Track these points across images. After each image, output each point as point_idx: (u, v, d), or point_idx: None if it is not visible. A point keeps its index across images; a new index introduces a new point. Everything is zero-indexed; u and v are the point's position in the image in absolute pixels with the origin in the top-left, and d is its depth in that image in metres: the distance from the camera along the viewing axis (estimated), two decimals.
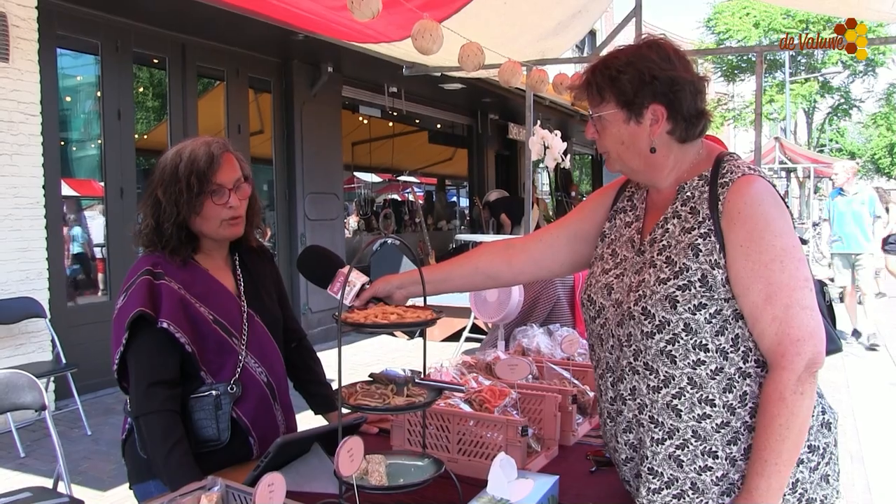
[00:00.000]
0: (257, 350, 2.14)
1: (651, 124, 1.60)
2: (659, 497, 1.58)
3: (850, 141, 40.44)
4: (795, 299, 1.47)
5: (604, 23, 16.97)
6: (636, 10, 4.79)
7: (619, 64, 1.60)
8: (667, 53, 1.60)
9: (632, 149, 1.64)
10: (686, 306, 1.53)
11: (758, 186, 1.54)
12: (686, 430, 1.55)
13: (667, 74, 1.57)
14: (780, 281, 1.48)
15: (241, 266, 2.23)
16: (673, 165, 1.66)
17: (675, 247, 1.58)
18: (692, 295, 1.53)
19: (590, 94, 1.65)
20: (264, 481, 1.35)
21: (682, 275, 1.55)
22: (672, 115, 1.59)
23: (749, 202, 1.52)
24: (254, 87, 8.82)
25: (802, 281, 1.49)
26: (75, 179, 7.43)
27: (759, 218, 1.51)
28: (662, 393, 1.57)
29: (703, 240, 1.55)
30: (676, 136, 1.62)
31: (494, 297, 3.19)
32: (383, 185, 17.31)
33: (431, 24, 3.13)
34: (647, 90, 1.57)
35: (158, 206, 2.04)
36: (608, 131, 1.64)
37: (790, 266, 1.49)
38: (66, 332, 5.94)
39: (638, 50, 1.61)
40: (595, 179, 21.66)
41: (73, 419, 5.68)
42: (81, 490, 4.23)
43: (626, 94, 1.58)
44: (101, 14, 6.64)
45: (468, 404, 2.13)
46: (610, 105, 1.61)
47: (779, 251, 1.49)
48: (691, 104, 1.60)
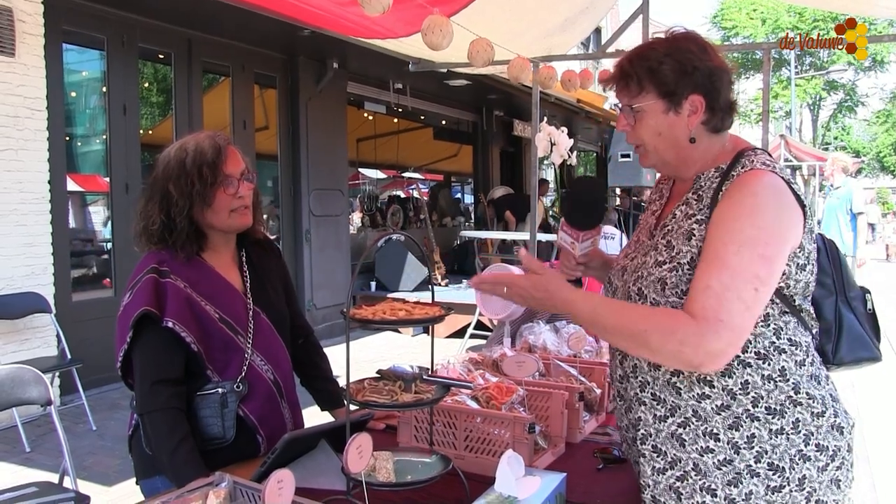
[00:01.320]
0: (263, 348, 2.13)
1: (689, 115, 1.61)
2: (663, 478, 1.60)
3: (856, 139, 40.31)
4: (736, 287, 1.44)
5: (609, 20, 16.93)
6: (643, 6, 4.77)
7: (658, 55, 1.60)
8: (703, 45, 1.62)
9: (668, 140, 1.64)
10: (673, 290, 1.54)
11: (764, 180, 1.52)
12: (686, 409, 1.57)
13: (706, 65, 1.59)
14: (729, 261, 1.46)
15: (247, 262, 2.23)
16: (700, 156, 1.66)
17: (675, 231, 1.62)
18: (679, 278, 1.54)
19: (627, 84, 1.65)
20: (273, 478, 1.35)
21: (674, 258, 1.57)
22: (710, 106, 1.60)
23: (744, 189, 1.52)
24: (259, 83, 8.82)
25: (752, 276, 1.45)
26: (80, 175, 7.44)
27: (745, 204, 1.50)
28: (662, 370, 1.60)
29: (697, 225, 1.57)
30: (710, 127, 1.63)
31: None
32: (388, 181, 17.31)
33: (441, 20, 3.12)
34: (688, 81, 1.58)
35: (170, 199, 2.04)
36: (645, 122, 1.64)
37: (746, 255, 1.45)
38: (71, 327, 5.94)
39: (675, 41, 1.62)
40: (599, 176, 21.61)
41: (78, 414, 5.68)
42: (87, 485, 4.24)
43: (668, 84, 1.59)
44: (107, 9, 6.64)
45: (475, 401, 2.12)
46: (650, 96, 1.61)
47: (745, 237, 1.47)
48: (727, 95, 1.63)
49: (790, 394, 1.54)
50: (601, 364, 2.59)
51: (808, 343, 1.59)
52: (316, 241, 9.22)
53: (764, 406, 1.53)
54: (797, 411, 1.54)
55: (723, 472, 1.54)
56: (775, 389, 1.53)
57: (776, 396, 1.53)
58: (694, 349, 1.43)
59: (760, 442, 1.52)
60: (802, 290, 1.57)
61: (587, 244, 1.83)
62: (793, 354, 1.55)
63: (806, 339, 1.59)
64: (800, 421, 1.53)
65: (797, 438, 1.53)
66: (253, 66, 8.50)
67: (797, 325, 1.57)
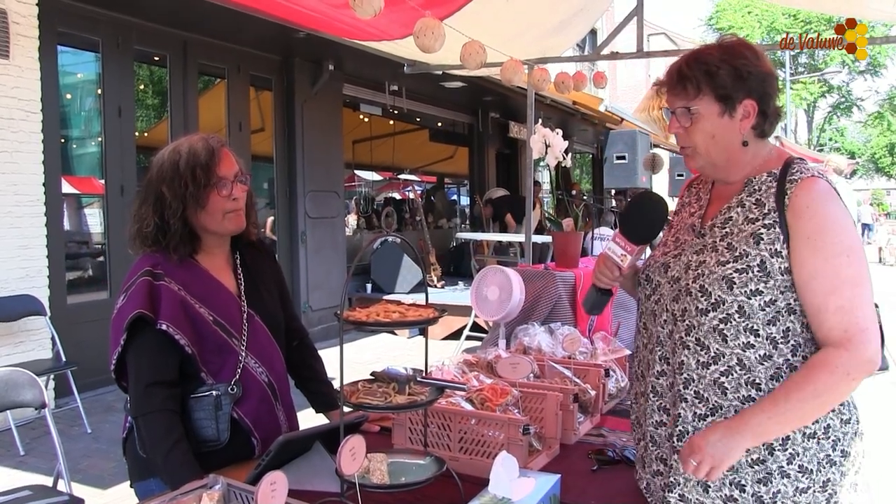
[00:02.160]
0: (257, 350, 2.13)
1: (742, 119, 1.66)
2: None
3: (850, 140, 40.44)
4: (859, 293, 1.54)
5: (605, 21, 16.94)
6: (637, 8, 4.78)
7: (715, 59, 1.65)
8: (756, 52, 1.67)
9: (721, 143, 1.68)
10: (742, 289, 1.59)
11: (824, 186, 1.60)
12: (730, 409, 1.60)
13: (759, 70, 1.65)
14: (846, 275, 1.54)
15: (241, 265, 2.23)
16: (749, 160, 1.71)
17: (737, 234, 1.65)
18: (748, 279, 1.59)
19: (685, 87, 1.68)
20: (266, 480, 1.35)
21: (741, 259, 1.61)
22: (762, 110, 1.66)
23: (816, 199, 1.58)
24: (255, 85, 8.82)
25: (866, 279, 1.56)
26: (76, 177, 7.43)
27: (827, 214, 1.57)
28: (711, 369, 1.63)
29: (766, 229, 1.60)
30: (759, 132, 1.69)
31: (495, 296, 3.18)
32: (384, 183, 17.30)
33: (433, 23, 3.12)
34: (743, 85, 1.63)
35: (163, 202, 2.04)
36: (699, 125, 1.68)
37: (856, 262, 1.55)
38: (66, 329, 5.92)
39: (731, 47, 1.67)
40: (595, 178, 21.63)
41: (72, 417, 5.67)
42: (81, 488, 4.23)
43: (725, 88, 1.64)
44: (101, 11, 6.63)
45: (469, 403, 2.13)
46: (706, 99, 1.66)
47: (846, 247, 1.55)
48: (776, 100, 1.69)
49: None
50: (595, 366, 2.60)
51: None
52: (312, 242, 9.22)
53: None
54: (829, 417, 1.60)
55: (754, 471, 1.59)
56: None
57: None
58: (858, 368, 1.51)
59: (794, 444, 1.58)
60: None
61: (635, 258, 1.84)
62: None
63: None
64: (830, 427, 1.61)
65: (826, 443, 1.60)
66: (248, 68, 8.50)
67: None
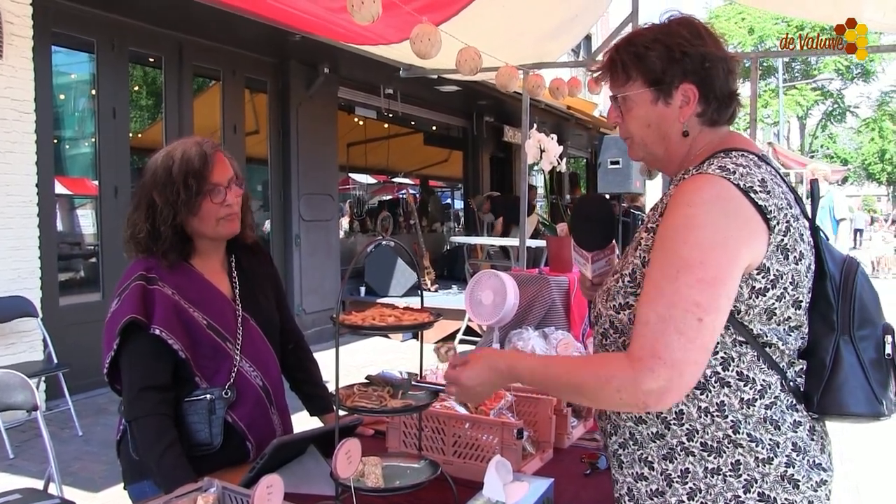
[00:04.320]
0: (252, 354, 2.13)
1: (681, 105, 1.48)
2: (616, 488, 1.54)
3: (842, 147, 40.61)
4: (673, 317, 1.30)
5: (600, 27, 16.99)
6: (633, 14, 4.81)
7: (645, 40, 1.49)
8: (697, 30, 1.49)
9: (657, 132, 1.51)
10: (612, 302, 1.47)
11: (705, 186, 1.36)
12: (625, 430, 1.49)
13: (697, 51, 1.45)
14: (666, 290, 1.32)
15: (237, 268, 2.23)
16: (688, 152, 1.52)
17: (634, 240, 1.51)
18: (619, 290, 1.45)
19: (614, 72, 1.53)
20: (263, 483, 1.35)
21: (625, 267, 1.47)
22: (704, 96, 1.47)
23: (681, 199, 1.38)
24: (250, 87, 8.81)
25: (691, 304, 1.30)
26: (69, 178, 7.41)
27: (679, 218, 1.36)
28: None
29: (646, 234, 1.45)
30: (706, 119, 1.50)
31: (490, 300, 3.18)
32: (378, 186, 17.31)
33: (430, 29, 3.13)
34: (677, 67, 1.45)
35: (154, 209, 2.03)
36: (633, 113, 1.52)
37: (683, 281, 1.31)
38: (58, 331, 5.90)
39: (666, 27, 1.50)
40: (589, 183, 21.68)
41: (64, 419, 5.65)
42: (73, 491, 4.21)
43: (655, 71, 1.47)
44: (96, 12, 6.62)
45: (464, 407, 2.13)
46: (637, 84, 1.49)
47: (679, 261, 1.32)
48: (724, 84, 1.48)
49: (728, 432, 1.38)
50: None
51: (770, 382, 1.39)
52: (306, 245, 9.21)
53: (699, 441, 1.40)
54: (738, 452, 1.38)
55: (654, 503, 1.45)
56: (711, 424, 1.39)
57: (712, 432, 1.39)
58: (631, 394, 1.30)
59: (695, 479, 1.40)
60: (764, 317, 1.38)
61: (600, 264, 1.76)
62: (738, 390, 1.38)
63: (766, 378, 1.39)
64: (741, 464, 1.38)
65: (735, 482, 1.38)
66: (244, 70, 8.49)
67: (755, 359, 1.39)
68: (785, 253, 1.37)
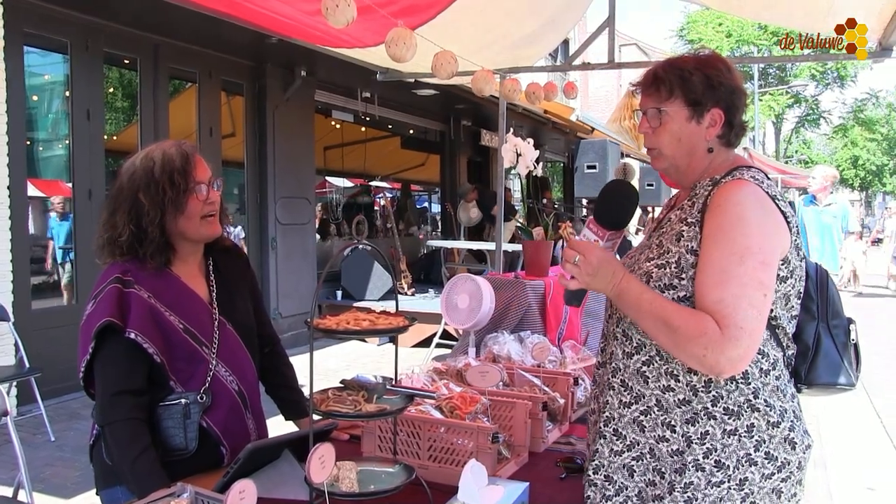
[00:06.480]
0: (228, 358, 2.12)
1: (708, 126, 1.73)
2: (619, 459, 1.71)
3: (817, 153, 41.17)
4: (747, 294, 1.54)
5: (577, 32, 17.10)
6: (609, 19, 4.84)
7: (689, 66, 1.73)
8: (728, 66, 1.75)
9: (685, 147, 1.75)
10: (657, 283, 1.66)
11: (746, 189, 1.63)
12: (650, 397, 1.68)
13: (730, 83, 1.72)
14: (734, 272, 1.55)
15: (214, 271, 2.22)
16: (707, 166, 1.76)
17: (667, 233, 1.72)
18: (664, 274, 1.65)
19: (658, 88, 1.75)
20: (235, 488, 1.35)
21: (663, 256, 1.68)
22: (728, 121, 1.73)
23: (729, 199, 1.62)
24: (226, 90, 8.76)
25: (757, 283, 1.55)
26: (42, 180, 7.33)
27: (732, 213, 1.60)
28: (634, 359, 1.71)
29: (687, 227, 1.66)
30: (724, 141, 1.76)
31: (465, 304, 3.19)
32: (355, 189, 17.27)
33: (405, 32, 3.13)
34: (713, 94, 1.71)
35: (139, 209, 2.02)
36: (667, 127, 1.75)
37: (749, 264, 1.55)
38: (30, 335, 5.82)
39: (706, 58, 1.76)
40: (566, 186, 21.80)
41: (36, 425, 5.57)
42: (44, 498, 4.15)
43: (696, 93, 1.71)
44: (70, 12, 6.55)
45: (439, 411, 2.13)
46: (677, 102, 1.73)
47: (742, 248, 1.56)
48: (742, 114, 1.77)
49: (749, 397, 1.62)
50: (564, 374, 2.62)
51: (778, 358, 1.67)
52: (282, 249, 9.18)
53: (722, 406, 1.62)
54: (753, 416, 1.62)
55: (672, 461, 1.64)
56: (735, 391, 1.62)
57: (735, 398, 1.62)
58: (716, 355, 1.52)
59: (713, 440, 1.62)
60: (781, 303, 1.64)
61: (609, 244, 1.84)
62: (758, 361, 1.62)
63: (776, 354, 1.66)
64: (754, 426, 1.62)
65: (749, 443, 1.62)
66: (220, 72, 8.44)
67: (769, 338, 1.64)
68: (797, 250, 1.67)
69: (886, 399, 6.88)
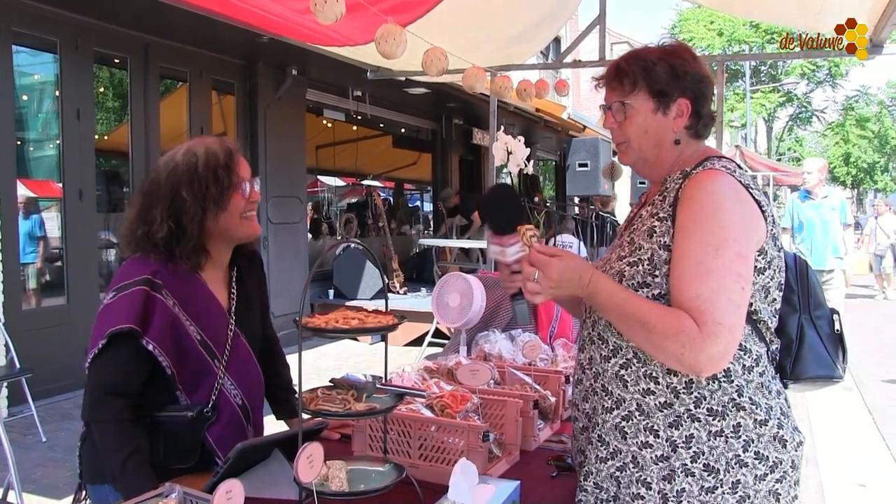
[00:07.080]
0: (237, 373, 2.10)
1: (676, 117, 1.68)
2: (605, 467, 1.66)
3: (808, 150, 41.30)
4: (725, 288, 1.49)
5: (568, 29, 17.10)
6: (600, 17, 4.84)
7: (653, 57, 1.69)
8: (693, 55, 1.72)
9: (653, 139, 1.70)
10: (630, 282, 1.61)
11: (719, 180, 1.57)
12: (631, 402, 1.62)
13: (696, 72, 1.69)
14: (711, 265, 1.50)
15: (237, 281, 2.19)
16: (676, 158, 1.72)
17: (639, 229, 1.68)
18: (637, 272, 1.60)
19: (621, 81, 1.71)
20: (222, 488, 1.34)
21: (635, 253, 1.64)
22: (696, 111, 1.69)
23: (702, 189, 1.57)
24: (217, 89, 8.73)
25: (735, 275, 1.50)
26: (32, 180, 7.29)
27: (707, 204, 1.55)
28: (612, 363, 1.65)
29: (659, 223, 1.62)
30: (693, 132, 1.72)
31: (456, 302, 3.18)
32: (347, 188, 17.24)
33: (395, 29, 3.12)
34: (678, 84, 1.67)
35: (180, 205, 1.97)
36: (633, 120, 1.70)
37: (726, 256, 1.50)
38: (21, 336, 5.78)
39: (670, 48, 1.72)
40: (558, 185, 21.80)
41: (26, 425, 5.54)
42: (34, 499, 4.13)
43: (660, 83, 1.67)
44: (59, 11, 6.51)
45: (430, 410, 2.13)
46: (641, 94, 1.68)
47: (718, 239, 1.51)
48: (710, 104, 1.73)
49: (733, 396, 1.56)
50: (556, 372, 2.62)
51: (761, 353, 1.61)
52: (274, 248, 9.15)
53: (706, 407, 1.57)
54: (739, 415, 1.56)
55: (659, 468, 1.59)
56: (718, 390, 1.56)
57: (719, 397, 1.56)
58: (694, 353, 1.47)
59: (699, 443, 1.56)
60: (761, 296, 1.59)
61: (516, 248, 1.78)
62: (740, 358, 1.57)
63: (759, 349, 1.61)
64: (741, 426, 1.56)
65: (736, 443, 1.56)
66: (211, 72, 8.41)
67: (751, 333, 1.59)
68: (773, 240, 1.61)
69: (877, 396, 6.92)
